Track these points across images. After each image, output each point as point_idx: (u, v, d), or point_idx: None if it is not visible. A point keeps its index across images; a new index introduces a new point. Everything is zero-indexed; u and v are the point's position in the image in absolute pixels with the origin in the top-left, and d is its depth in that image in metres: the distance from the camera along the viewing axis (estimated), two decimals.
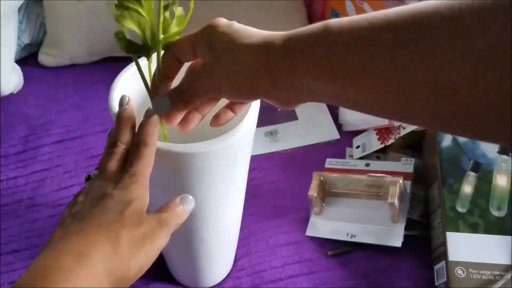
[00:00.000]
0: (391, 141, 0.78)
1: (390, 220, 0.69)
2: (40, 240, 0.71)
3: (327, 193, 0.75)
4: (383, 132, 0.80)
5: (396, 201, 0.66)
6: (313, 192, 0.72)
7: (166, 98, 0.41)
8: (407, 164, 0.75)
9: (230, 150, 0.48)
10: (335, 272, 0.69)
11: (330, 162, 0.80)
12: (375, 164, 0.77)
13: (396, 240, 0.67)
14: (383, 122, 0.79)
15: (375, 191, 0.72)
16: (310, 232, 0.72)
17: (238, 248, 0.70)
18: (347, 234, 0.70)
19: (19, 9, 0.93)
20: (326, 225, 0.72)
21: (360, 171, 0.76)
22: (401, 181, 0.69)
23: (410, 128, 0.76)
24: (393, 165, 0.76)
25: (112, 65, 1.00)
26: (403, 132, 0.76)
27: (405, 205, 0.70)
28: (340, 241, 0.71)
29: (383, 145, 0.79)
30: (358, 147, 0.83)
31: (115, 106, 0.48)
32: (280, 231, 0.73)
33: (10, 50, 0.90)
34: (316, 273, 0.69)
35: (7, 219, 0.74)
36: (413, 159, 0.75)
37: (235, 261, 0.70)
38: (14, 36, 0.91)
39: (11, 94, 0.93)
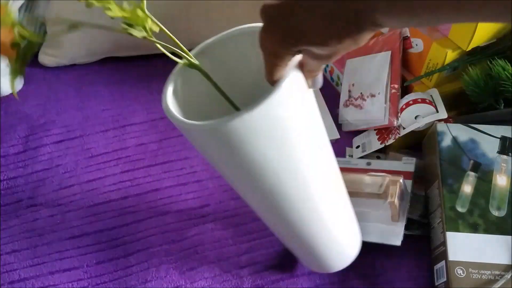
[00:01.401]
0: (391, 141, 0.78)
1: (390, 219, 0.69)
2: (40, 240, 0.72)
3: None
4: (383, 132, 0.80)
5: (396, 201, 0.66)
6: None
7: (320, 77, 0.46)
8: (408, 163, 0.75)
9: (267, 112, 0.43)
10: (335, 272, 0.69)
11: None
12: (376, 163, 0.77)
13: (396, 239, 0.67)
14: (383, 122, 0.79)
15: (375, 190, 0.72)
16: None
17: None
18: None
19: (19, 9, 0.93)
20: None
21: (361, 170, 0.76)
22: (401, 181, 0.69)
23: (409, 128, 0.76)
24: (394, 164, 0.76)
25: (112, 65, 1.01)
26: (402, 132, 0.76)
27: (405, 204, 0.70)
28: None
29: (383, 145, 0.79)
30: (358, 147, 0.83)
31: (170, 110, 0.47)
32: None
33: None
34: (316, 273, 0.69)
35: (7, 219, 0.74)
36: (414, 158, 0.75)
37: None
38: None
39: (11, 94, 0.93)
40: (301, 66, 0.45)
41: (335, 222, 0.57)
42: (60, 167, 0.81)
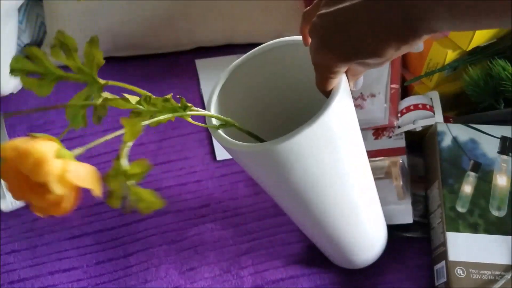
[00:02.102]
0: (385, 138, 0.78)
1: (396, 198, 0.70)
2: (39, 240, 0.71)
3: None
4: (378, 130, 0.80)
5: (400, 182, 0.68)
6: None
7: (361, 78, 0.48)
8: (398, 139, 0.75)
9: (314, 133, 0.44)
10: (335, 273, 0.69)
11: None
12: (368, 145, 0.77)
13: (407, 217, 0.68)
14: (383, 122, 0.79)
15: (378, 175, 0.72)
16: None
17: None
18: None
19: (19, 9, 0.93)
20: None
21: None
22: (401, 161, 0.69)
23: (404, 128, 0.76)
24: (385, 142, 0.76)
25: (112, 65, 1.01)
26: (397, 131, 0.76)
27: (407, 180, 0.71)
28: None
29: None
30: None
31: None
32: (281, 230, 0.73)
33: (10, 49, 0.90)
34: (317, 274, 0.69)
35: (6, 219, 0.74)
36: (403, 133, 0.76)
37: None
38: (14, 36, 0.91)
39: (11, 94, 0.93)
40: (346, 70, 0.45)
41: (370, 223, 0.59)
42: None
